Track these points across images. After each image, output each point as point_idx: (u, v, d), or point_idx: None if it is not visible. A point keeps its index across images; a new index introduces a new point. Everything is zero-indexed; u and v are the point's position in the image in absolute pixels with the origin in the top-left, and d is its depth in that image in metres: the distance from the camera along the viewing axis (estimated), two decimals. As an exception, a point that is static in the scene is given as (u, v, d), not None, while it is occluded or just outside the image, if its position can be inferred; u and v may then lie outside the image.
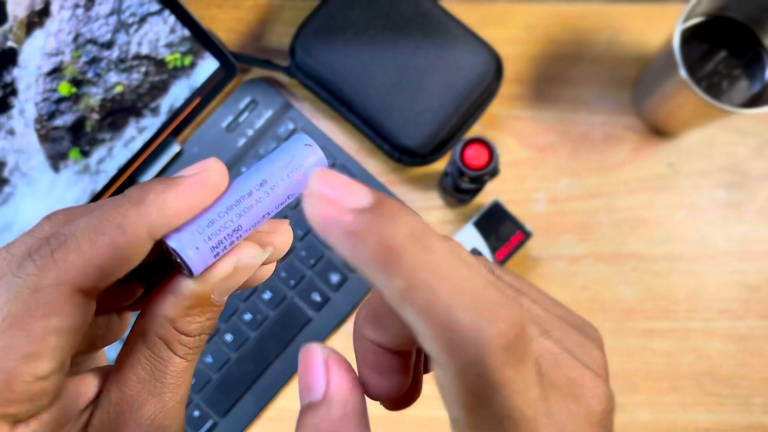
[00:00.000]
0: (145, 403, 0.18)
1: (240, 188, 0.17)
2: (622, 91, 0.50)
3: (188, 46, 0.46)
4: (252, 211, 0.17)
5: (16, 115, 0.42)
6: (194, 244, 0.16)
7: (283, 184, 0.17)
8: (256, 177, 0.17)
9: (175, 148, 0.49)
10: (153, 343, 0.18)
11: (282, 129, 0.49)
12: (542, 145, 0.49)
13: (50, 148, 0.44)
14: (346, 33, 0.46)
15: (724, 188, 0.49)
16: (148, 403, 0.18)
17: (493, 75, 0.46)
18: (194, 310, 0.18)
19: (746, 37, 0.45)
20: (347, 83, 0.46)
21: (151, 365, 0.18)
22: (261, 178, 0.17)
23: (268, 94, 0.50)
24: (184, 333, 0.18)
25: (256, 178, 0.17)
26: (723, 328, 0.48)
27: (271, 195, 0.17)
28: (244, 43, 0.51)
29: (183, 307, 0.18)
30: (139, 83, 0.46)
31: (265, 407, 0.47)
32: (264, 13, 0.52)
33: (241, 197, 0.17)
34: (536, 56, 0.51)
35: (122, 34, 0.44)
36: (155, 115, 0.48)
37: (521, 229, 0.44)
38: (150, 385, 0.18)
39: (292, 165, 0.17)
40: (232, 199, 0.17)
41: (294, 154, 0.17)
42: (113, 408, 0.18)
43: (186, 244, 0.16)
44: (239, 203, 0.17)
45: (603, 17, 0.51)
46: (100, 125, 0.46)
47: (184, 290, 0.18)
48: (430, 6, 0.47)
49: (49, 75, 0.42)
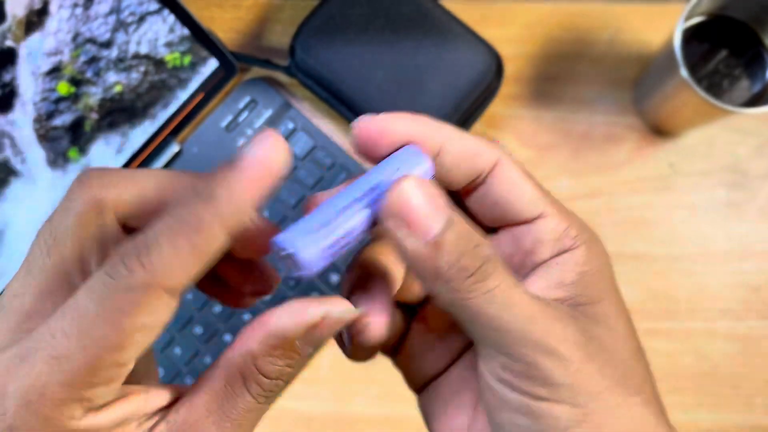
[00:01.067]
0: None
1: (352, 192, 0.17)
2: (622, 91, 0.50)
3: (188, 46, 0.46)
4: (360, 215, 0.17)
5: (15, 115, 0.42)
6: (308, 245, 0.16)
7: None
8: (366, 182, 0.17)
9: (174, 147, 0.49)
10: (231, 375, 0.18)
11: (282, 129, 0.49)
12: (542, 144, 0.49)
13: (49, 147, 0.44)
14: (346, 32, 0.46)
15: (724, 188, 0.49)
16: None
17: (494, 74, 0.46)
18: (277, 351, 0.18)
19: (747, 37, 0.45)
20: (347, 83, 0.46)
21: (223, 397, 0.18)
22: (372, 183, 0.17)
23: (268, 93, 0.50)
24: (262, 373, 0.18)
25: (366, 183, 0.17)
26: (724, 328, 0.47)
27: (379, 202, 0.17)
28: (244, 42, 0.51)
29: (267, 345, 0.18)
30: (138, 83, 0.46)
31: (265, 408, 0.47)
32: (264, 13, 0.52)
33: (353, 201, 0.17)
34: (537, 55, 0.50)
35: (121, 34, 0.44)
36: (154, 114, 0.48)
37: (522, 229, 0.44)
38: (216, 416, 0.18)
39: (400, 172, 0.17)
40: (344, 201, 0.17)
41: (401, 163, 0.18)
42: (177, 427, 0.18)
43: (300, 245, 0.16)
44: (351, 206, 0.17)
45: (604, 16, 0.51)
46: (99, 125, 0.46)
47: (271, 326, 0.18)
48: (431, 5, 0.46)
49: (48, 74, 0.42)
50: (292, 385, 0.47)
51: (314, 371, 0.48)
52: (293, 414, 0.47)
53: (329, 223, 0.17)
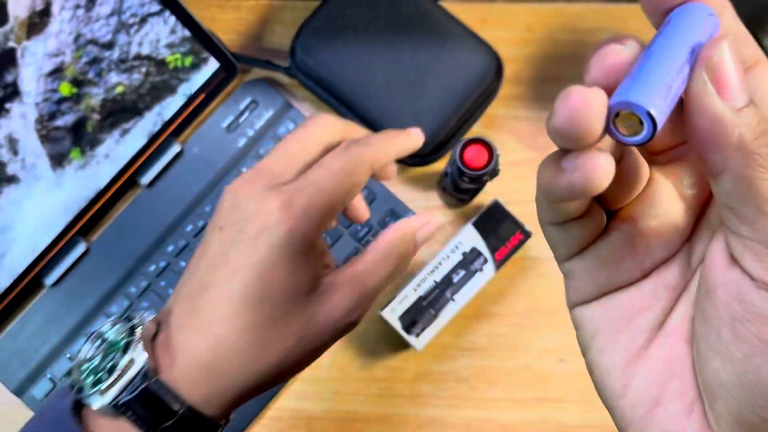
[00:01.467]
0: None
1: (674, 52, 0.16)
2: (621, 92, 0.50)
3: (189, 47, 0.47)
4: (684, 72, 0.17)
5: (17, 116, 0.42)
6: (658, 102, 0.16)
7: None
8: (683, 42, 0.17)
9: (175, 148, 0.49)
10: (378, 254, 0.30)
11: (282, 129, 0.49)
12: (542, 145, 0.50)
13: (51, 148, 0.44)
14: (346, 33, 0.47)
15: (723, 188, 0.49)
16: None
17: (493, 75, 0.47)
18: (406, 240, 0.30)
19: (746, 38, 0.45)
20: (347, 84, 0.46)
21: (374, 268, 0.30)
22: (691, 43, 0.17)
23: (269, 94, 0.50)
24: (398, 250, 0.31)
25: (684, 43, 0.17)
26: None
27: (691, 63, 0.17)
28: (245, 43, 0.52)
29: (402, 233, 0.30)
30: (139, 83, 0.46)
31: (267, 406, 0.47)
32: (264, 14, 0.52)
33: (681, 64, 0.16)
34: (536, 57, 0.51)
35: (123, 35, 0.44)
36: (156, 115, 0.48)
37: (521, 229, 0.45)
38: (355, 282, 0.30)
39: (704, 37, 0.17)
40: (672, 61, 0.16)
41: (700, 24, 0.17)
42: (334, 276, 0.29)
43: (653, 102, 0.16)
44: (681, 70, 0.16)
45: (603, 18, 0.51)
46: (101, 125, 0.46)
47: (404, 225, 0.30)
48: (431, 6, 0.47)
49: (50, 75, 0.42)
50: (292, 384, 0.48)
51: (314, 371, 0.48)
52: (293, 413, 0.48)
53: (666, 80, 0.16)
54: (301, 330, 0.27)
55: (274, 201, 0.27)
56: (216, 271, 0.27)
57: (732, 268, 0.17)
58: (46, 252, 0.47)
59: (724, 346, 0.17)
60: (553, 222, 0.20)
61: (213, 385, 0.26)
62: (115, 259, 0.49)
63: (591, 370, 0.20)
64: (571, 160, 0.16)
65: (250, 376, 0.27)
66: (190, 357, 0.26)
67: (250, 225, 0.27)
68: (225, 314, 0.26)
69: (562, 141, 0.16)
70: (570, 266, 0.21)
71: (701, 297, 0.18)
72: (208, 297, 0.27)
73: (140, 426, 0.25)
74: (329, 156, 0.29)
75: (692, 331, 0.19)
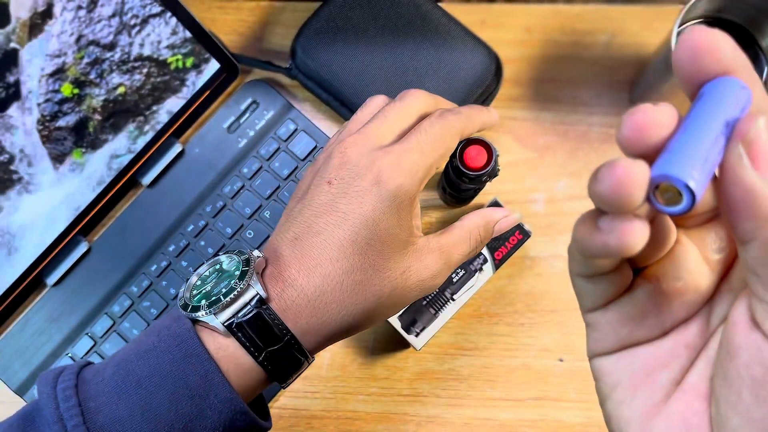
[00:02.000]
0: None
1: (711, 124, 0.17)
2: (620, 92, 0.50)
3: (190, 48, 0.47)
4: (719, 145, 0.17)
5: (19, 116, 0.42)
6: (695, 175, 0.16)
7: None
8: (719, 115, 0.17)
9: (176, 148, 0.49)
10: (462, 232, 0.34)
11: (283, 130, 0.50)
12: (541, 145, 0.50)
13: (53, 148, 0.45)
14: (347, 34, 0.47)
15: (721, 189, 0.49)
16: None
17: (493, 76, 0.47)
18: (488, 227, 0.35)
19: (743, 39, 0.45)
20: (347, 84, 0.47)
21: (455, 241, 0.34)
22: (728, 117, 0.17)
23: (270, 95, 0.50)
24: (476, 234, 0.34)
25: (720, 116, 0.17)
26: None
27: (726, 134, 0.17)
28: (246, 44, 0.52)
29: (485, 221, 0.34)
30: (141, 84, 0.46)
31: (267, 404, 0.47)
32: (265, 15, 0.52)
33: (719, 133, 0.17)
34: (535, 57, 0.51)
35: (124, 36, 0.44)
36: (157, 115, 0.48)
37: (520, 229, 0.45)
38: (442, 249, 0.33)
39: (739, 108, 0.17)
40: (709, 134, 0.17)
41: (734, 97, 0.17)
42: (428, 239, 0.33)
43: (691, 175, 0.16)
44: (716, 142, 0.17)
45: (601, 19, 0.51)
46: (102, 126, 0.46)
47: (491, 213, 0.35)
48: (430, 7, 0.47)
49: (52, 76, 0.43)
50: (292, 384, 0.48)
51: (314, 370, 0.48)
52: (294, 412, 0.48)
53: (703, 153, 0.17)
54: (396, 279, 0.30)
55: (384, 159, 0.30)
56: (324, 218, 0.30)
57: (754, 332, 0.17)
58: (47, 252, 0.48)
59: (744, 407, 0.17)
60: (582, 274, 0.21)
61: (313, 320, 0.29)
62: (117, 259, 0.49)
63: (608, 421, 0.21)
64: (609, 221, 0.17)
65: (347, 316, 0.29)
66: (297, 291, 0.29)
67: (362, 179, 0.29)
68: (333, 256, 0.29)
69: (604, 205, 0.17)
70: (593, 318, 0.22)
71: (722, 357, 0.18)
72: (317, 240, 0.29)
73: (248, 347, 0.28)
74: (426, 122, 0.31)
75: (711, 389, 0.19)
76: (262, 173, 0.49)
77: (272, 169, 0.49)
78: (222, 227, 0.49)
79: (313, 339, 0.29)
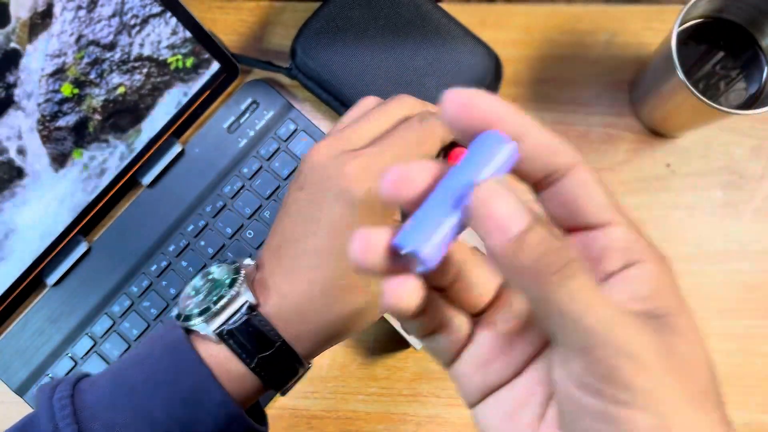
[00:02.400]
0: None
1: (449, 191, 0.18)
2: (620, 92, 0.50)
3: (190, 48, 0.47)
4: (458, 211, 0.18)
5: (19, 116, 0.42)
6: (425, 242, 0.17)
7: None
8: (460, 179, 0.18)
9: (176, 148, 0.49)
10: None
11: (283, 130, 0.50)
12: (541, 145, 0.50)
13: (53, 148, 0.45)
14: (347, 34, 0.47)
15: (721, 189, 0.49)
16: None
17: (492, 76, 0.47)
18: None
19: (743, 39, 0.45)
20: (347, 84, 0.47)
21: None
22: (465, 181, 0.18)
23: (270, 95, 0.50)
24: None
25: (460, 180, 0.18)
26: (720, 328, 0.48)
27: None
28: (246, 44, 0.52)
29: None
30: (141, 84, 0.46)
31: (267, 405, 0.47)
32: (265, 15, 0.52)
33: (453, 202, 0.18)
34: (535, 58, 0.51)
35: (124, 36, 0.44)
36: (157, 116, 0.48)
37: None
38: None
39: (492, 167, 0.18)
40: (445, 201, 0.18)
41: (487, 151, 0.18)
42: None
43: (420, 243, 0.17)
44: (457, 204, 0.18)
45: (601, 19, 0.51)
46: (102, 126, 0.46)
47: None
48: (430, 7, 0.47)
49: (52, 76, 0.43)
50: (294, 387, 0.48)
51: (314, 370, 0.48)
52: (294, 412, 0.48)
53: (438, 220, 0.17)
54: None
55: (352, 163, 0.29)
56: (301, 226, 0.30)
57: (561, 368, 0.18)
58: (47, 252, 0.48)
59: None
60: (417, 335, 0.22)
61: (302, 326, 0.29)
62: (117, 259, 0.49)
63: None
64: (384, 284, 0.18)
65: (337, 320, 0.29)
66: (283, 299, 0.29)
67: (331, 184, 0.29)
68: (312, 263, 0.29)
69: (362, 270, 0.18)
70: (452, 373, 0.22)
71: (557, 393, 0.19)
72: (296, 248, 0.30)
73: (240, 354, 0.28)
74: (403, 126, 0.31)
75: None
76: (262, 173, 0.49)
77: (272, 169, 0.49)
78: (222, 227, 0.49)
79: (306, 344, 0.29)
